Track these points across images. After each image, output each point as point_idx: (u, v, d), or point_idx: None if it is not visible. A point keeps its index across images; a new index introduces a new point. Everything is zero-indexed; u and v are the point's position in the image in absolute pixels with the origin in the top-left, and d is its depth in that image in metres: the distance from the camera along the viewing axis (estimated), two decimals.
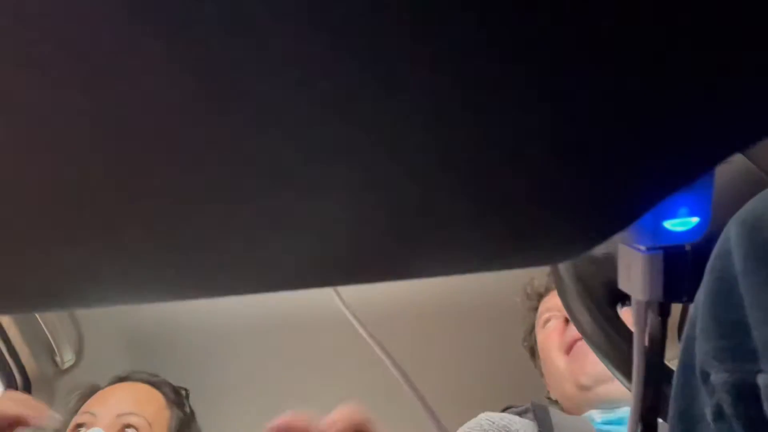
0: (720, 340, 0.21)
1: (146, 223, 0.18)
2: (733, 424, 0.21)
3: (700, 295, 0.23)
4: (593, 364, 0.80)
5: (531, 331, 1.00)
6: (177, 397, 0.99)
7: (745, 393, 0.20)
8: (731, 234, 0.21)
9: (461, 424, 0.80)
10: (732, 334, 0.21)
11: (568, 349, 0.85)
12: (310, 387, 1.15)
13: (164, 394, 0.97)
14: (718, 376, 0.21)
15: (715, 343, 0.22)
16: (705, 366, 0.22)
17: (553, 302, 0.93)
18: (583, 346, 0.82)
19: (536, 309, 0.98)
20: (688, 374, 0.23)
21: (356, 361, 1.12)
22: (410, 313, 1.14)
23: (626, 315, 0.45)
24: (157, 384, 0.98)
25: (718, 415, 0.21)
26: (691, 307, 0.24)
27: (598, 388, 0.80)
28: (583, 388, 0.81)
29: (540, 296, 0.98)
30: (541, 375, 0.99)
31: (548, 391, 0.97)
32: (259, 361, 1.16)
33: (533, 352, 1.01)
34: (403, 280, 0.24)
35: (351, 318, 0.36)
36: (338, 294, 0.36)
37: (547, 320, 0.93)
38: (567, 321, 0.87)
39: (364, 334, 0.35)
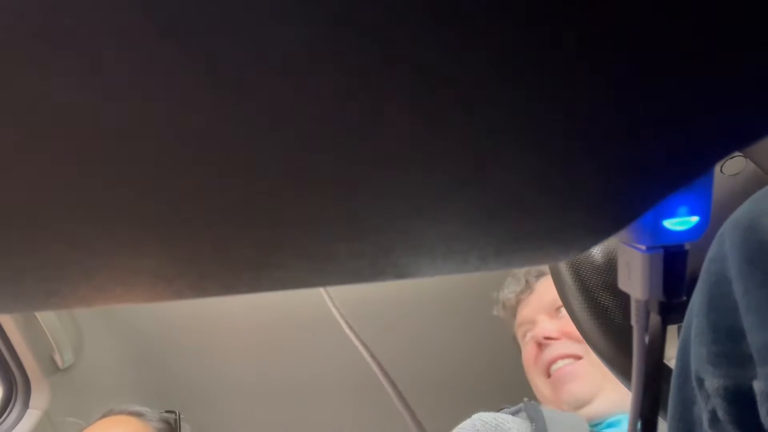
0: (715, 344, 0.21)
1: (145, 224, 0.18)
2: (728, 430, 0.21)
3: (696, 298, 0.23)
4: (570, 393, 0.81)
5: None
6: (166, 426, 0.98)
7: (739, 398, 0.20)
8: (726, 237, 0.21)
9: (452, 423, 0.80)
10: (727, 339, 0.21)
11: (546, 372, 0.86)
12: (309, 386, 1.15)
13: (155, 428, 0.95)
14: (712, 382, 0.21)
15: (709, 347, 0.21)
16: (700, 371, 0.22)
17: (524, 314, 0.94)
18: (560, 373, 0.83)
19: (515, 316, 0.99)
20: (683, 378, 0.23)
21: (349, 361, 1.12)
22: (400, 312, 1.14)
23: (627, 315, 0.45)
24: (143, 415, 0.96)
25: (714, 420, 0.21)
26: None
27: (580, 411, 0.81)
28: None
29: (513, 309, 0.99)
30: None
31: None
32: (258, 360, 1.16)
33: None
34: (400, 279, 0.24)
35: (339, 318, 0.35)
36: (327, 294, 0.36)
37: (524, 334, 0.93)
38: (539, 345, 0.87)
39: (351, 335, 0.35)
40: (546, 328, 0.87)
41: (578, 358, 0.83)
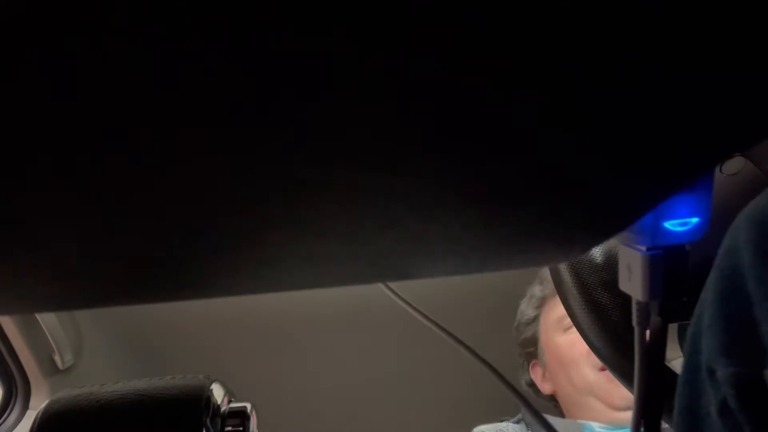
0: (727, 335, 0.21)
1: (146, 226, 0.18)
2: (739, 419, 0.21)
3: (707, 291, 0.23)
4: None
5: (533, 320, 0.99)
6: None
7: (751, 387, 0.20)
8: (740, 231, 0.21)
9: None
10: (739, 330, 0.21)
11: (601, 365, 0.83)
12: (306, 387, 1.15)
13: None
14: (724, 371, 0.21)
15: (721, 338, 0.22)
16: (711, 362, 0.22)
17: None
18: None
19: (545, 300, 0.97)
20: (693, 370, 0.23)
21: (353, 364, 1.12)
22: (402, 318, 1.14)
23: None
24: None
25: (724, 409, 0.21)
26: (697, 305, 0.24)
27: (629, 412, 0.80)
28: (614, 408, 0.82)
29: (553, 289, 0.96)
30: (525, 364, 0.97)
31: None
32: (258, 361, 1.16)
33: (528, 340, 0.99)
34: (402, 280, 0.24)
35: (403, 304, 0.35)
36: (389, 287, 0.36)
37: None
38: None
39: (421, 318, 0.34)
40: None
41: None
